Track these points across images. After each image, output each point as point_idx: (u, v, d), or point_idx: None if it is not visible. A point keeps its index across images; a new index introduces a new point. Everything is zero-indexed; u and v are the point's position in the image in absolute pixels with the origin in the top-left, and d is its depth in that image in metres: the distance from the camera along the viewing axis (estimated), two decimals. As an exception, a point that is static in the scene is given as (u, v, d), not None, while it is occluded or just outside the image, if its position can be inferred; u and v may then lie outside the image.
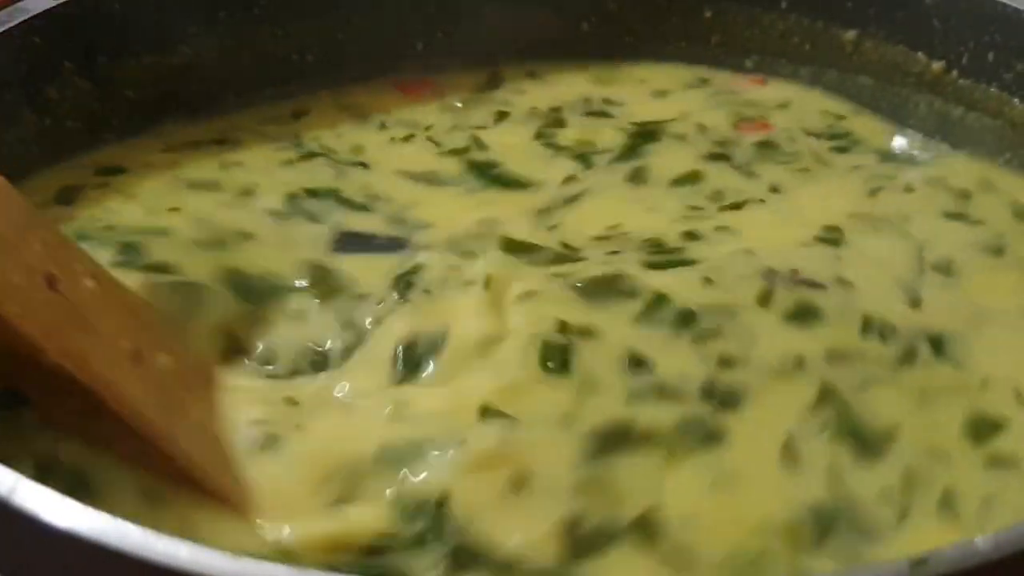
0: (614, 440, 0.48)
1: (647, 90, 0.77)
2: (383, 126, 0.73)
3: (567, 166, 0.69)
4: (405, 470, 0.47)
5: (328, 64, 0.75)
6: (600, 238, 0.62)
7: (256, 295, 0.56)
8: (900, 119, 0.73)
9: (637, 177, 0.67)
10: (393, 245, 0.61)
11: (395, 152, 0.70)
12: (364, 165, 0.69)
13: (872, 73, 0.73)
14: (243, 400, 0.51)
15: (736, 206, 0.65)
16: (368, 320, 0.55)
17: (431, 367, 0.52)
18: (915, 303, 0.57)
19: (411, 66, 0.77)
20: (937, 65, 0.70)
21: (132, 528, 0.36)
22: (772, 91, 0.77)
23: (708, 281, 0.55)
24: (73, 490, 0.41)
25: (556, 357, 0.50)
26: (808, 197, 0.66)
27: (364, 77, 0.75)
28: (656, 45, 0.78)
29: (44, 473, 0.46)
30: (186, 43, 0.70)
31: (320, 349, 0.55)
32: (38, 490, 0.37)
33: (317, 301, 0.57)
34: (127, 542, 0.35)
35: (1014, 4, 0.66)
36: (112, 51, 0.68)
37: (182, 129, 0.70)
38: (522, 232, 0.62)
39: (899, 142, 0.72)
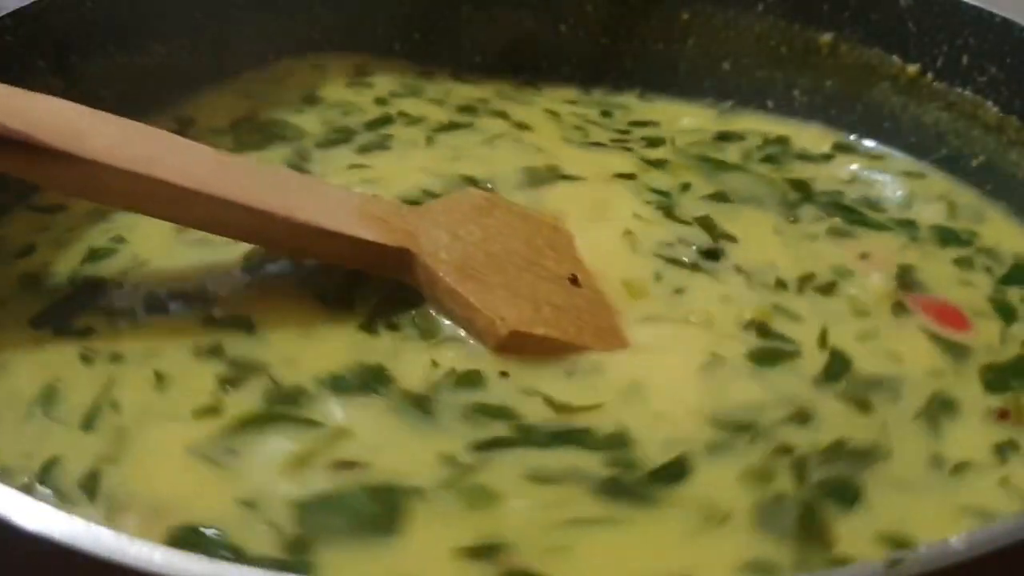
0: None
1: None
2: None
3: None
4: None
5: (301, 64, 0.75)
6: None
7: None
8: (873, 121, 0.73)
9: None
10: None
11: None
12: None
13: (847, 76, 0.73)
14: None
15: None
16: None
17: None
18: None
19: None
20: (912, 68, 0.70)
21: (105, 532, 0.35)
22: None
23: None
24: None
25: None
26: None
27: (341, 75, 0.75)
28: (633, 47, 0.78)
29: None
30: (159, 42, 0.70)
31: None
32: (8, 493, 0.37)
33: None
34: (99, 546, 0.35)
35: (988, 8, 0.66)
36: (85, 50, 0.67)
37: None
38: None
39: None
